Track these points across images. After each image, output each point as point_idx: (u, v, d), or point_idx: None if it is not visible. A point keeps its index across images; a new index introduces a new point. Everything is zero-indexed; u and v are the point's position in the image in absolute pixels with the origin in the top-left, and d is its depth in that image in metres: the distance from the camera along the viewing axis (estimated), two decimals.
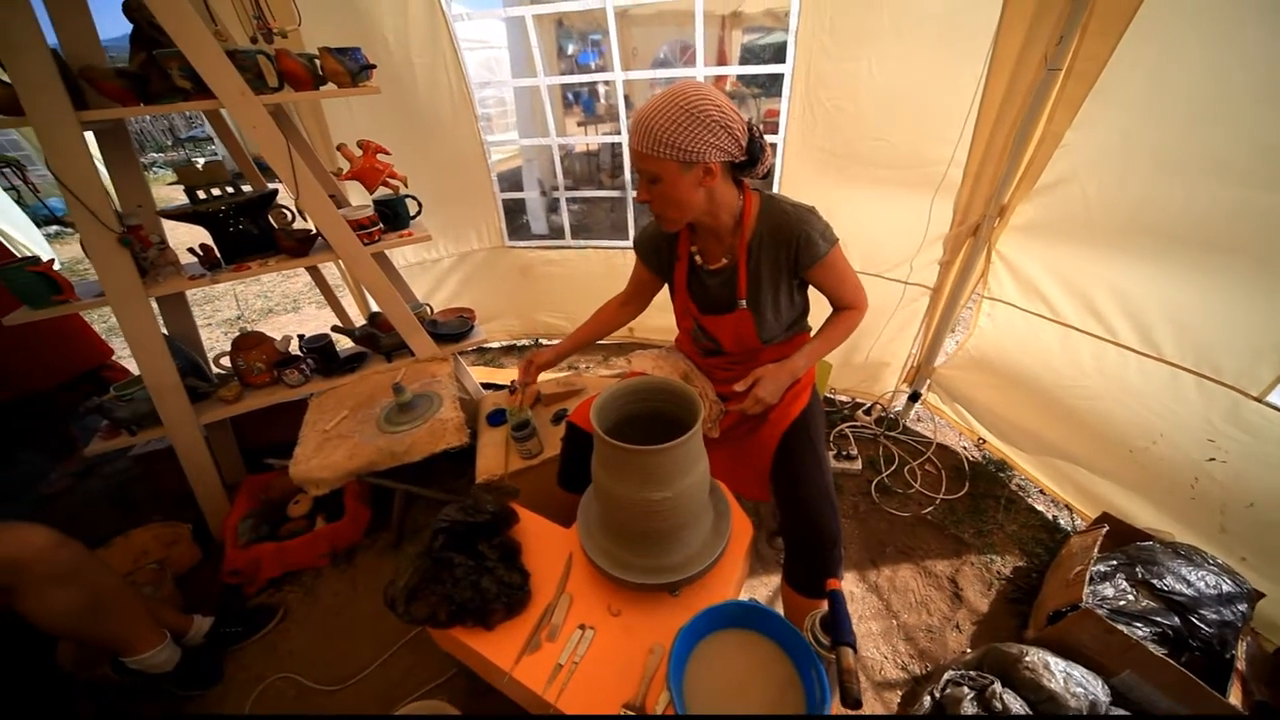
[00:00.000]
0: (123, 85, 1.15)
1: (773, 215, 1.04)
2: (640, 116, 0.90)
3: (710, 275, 1.13)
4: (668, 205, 0.97)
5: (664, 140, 0.87)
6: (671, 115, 0.86)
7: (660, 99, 0.88)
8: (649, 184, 0.95)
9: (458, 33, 1.92)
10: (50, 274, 1.24)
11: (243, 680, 1.36)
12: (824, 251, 1.02)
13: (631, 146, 0.92)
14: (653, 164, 0.91)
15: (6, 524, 1.07)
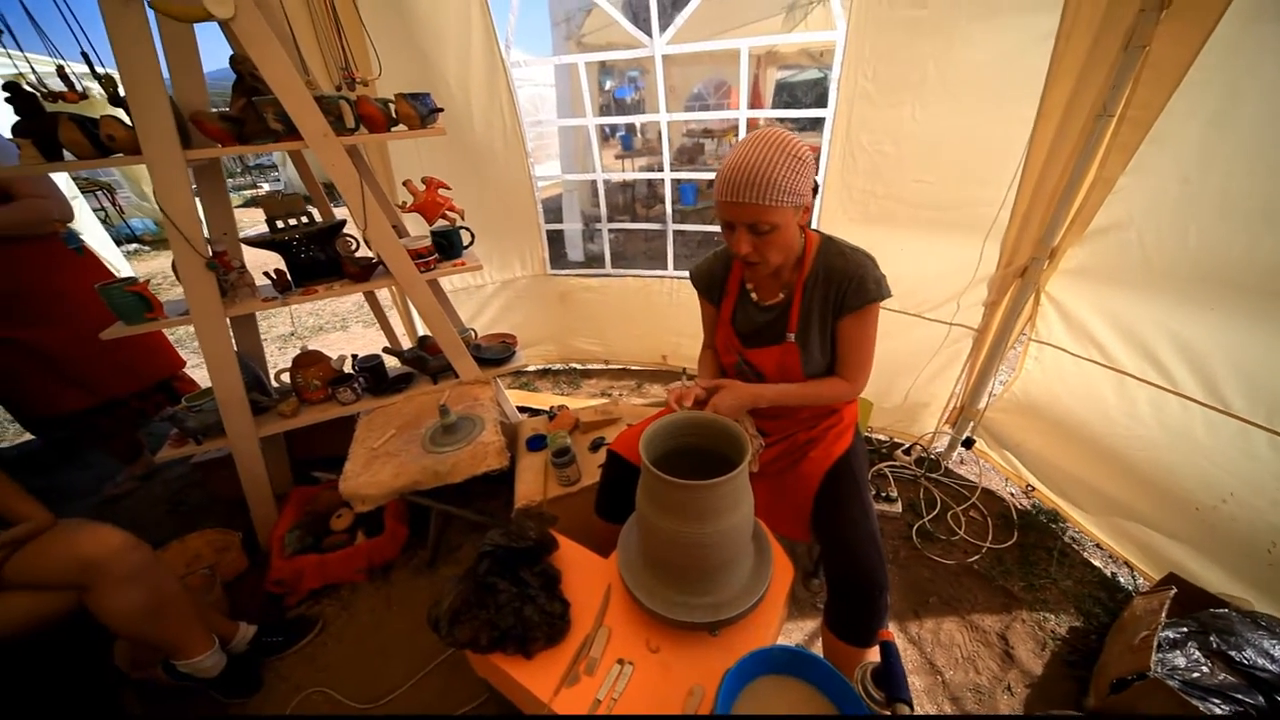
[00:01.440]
0: (224, 127, 1.28)
1: (831, 254, 1.06)
2: (750, 167, 0.87)
3: (762, 310, 1.14)
4: (776, 251, 0.96)
5: (784, 188, 0.88)
6: (784, 163, 0.87)
7: (760, 148, 0.88)
8: (759, 234, 0.93)
9: (513, 76, 2.06)
10: (145, 293, 1.36)
11: (281, 691, 1.40)
12: (870, 297, 1.02)
13: (739, 201, 0.89)
14: (772, 214, 0.90)
15: (88, 524, 1.15)
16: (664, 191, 2.43)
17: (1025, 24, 1.35)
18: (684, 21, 1.93)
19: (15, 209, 1.58)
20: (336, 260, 1.59)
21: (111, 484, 2.14)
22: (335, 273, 1.60)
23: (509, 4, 1.99)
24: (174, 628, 1.21)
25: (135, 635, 1.16)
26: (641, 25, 2.05)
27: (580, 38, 4.10)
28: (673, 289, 2.45)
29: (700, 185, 5.34)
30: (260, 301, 1.49)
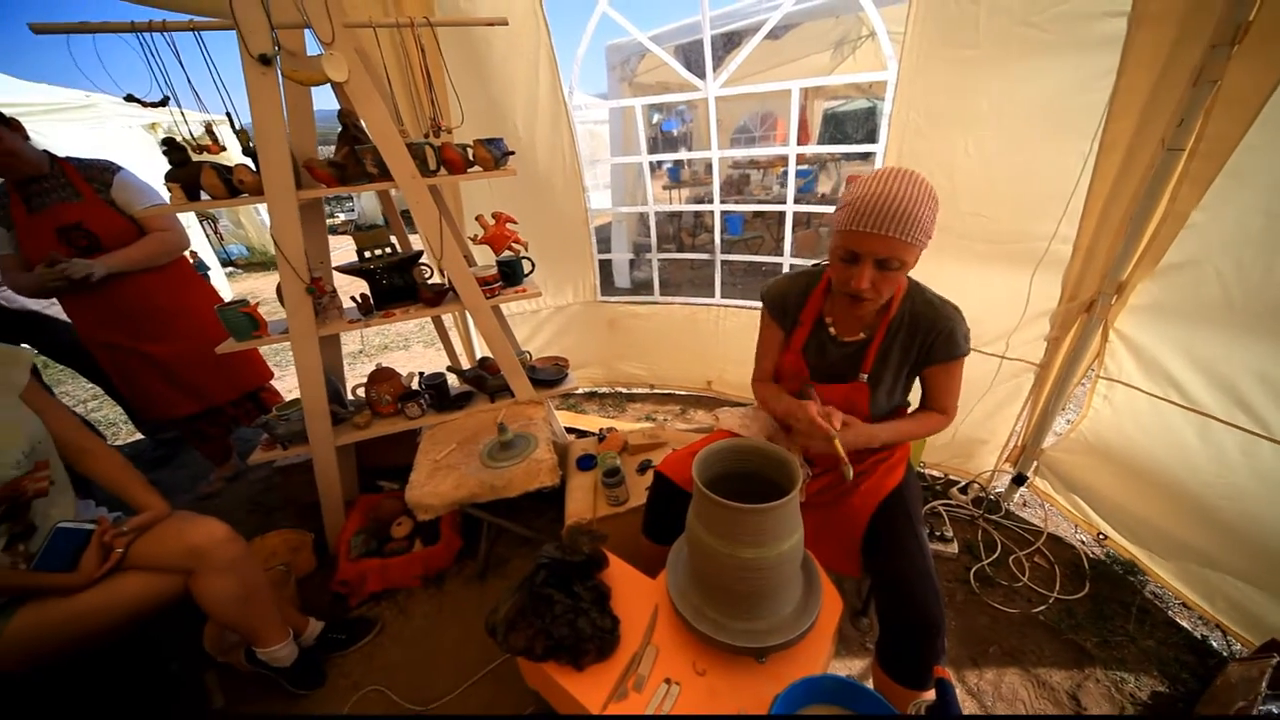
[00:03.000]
0: (330, 172, 1.46)
1: (919, 302, 1.07)
2: (896, 202, 0.86)
3: (839, 345, 1.13)
4: (890, 287, 0.96)
5: (924, 227, 0.88)
6: (926, 201, 0.87)
7: (904, 183, 0.87)
8: (886, 269, 0.91)
9: (575, 118, 2.22)
10: (255, 314, 1.56)
11: (342, 687, 1.49)
12: (960, 353, 1.05)
13: (880, 233, 0.87)
14: (907, 251, 0.89)
15: (197, 516, 1.30)
16: (711, 222, 2.51)
17: (1083, 61, 1.35)
18: (736, 67, 2.04)
19: (149, 241, 1.84)
20: (413, 286, 1.75)
21: (204, 483, 2.37)
22: (411, 298, 1.76)
23: (574, 55, 2.16)
24: (258, 616, 1.33)
25: (227, 619, 1.28)
26: (694, 69, 2.18)
27: (633, 79, 4.34)
28: (719, 316, 2.49)
29: (746, 216, 5.42)
30: (346, 323, 1.65)
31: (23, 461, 1.13)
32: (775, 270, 2.39)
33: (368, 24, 1.42)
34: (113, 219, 1.74)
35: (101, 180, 1.74)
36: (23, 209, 1.66)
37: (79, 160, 1.74)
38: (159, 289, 1.92)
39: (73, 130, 3.90)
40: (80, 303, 1.79)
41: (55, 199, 1.68)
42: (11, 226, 1.67)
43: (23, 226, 1.66)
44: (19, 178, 1.63)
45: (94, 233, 1.70)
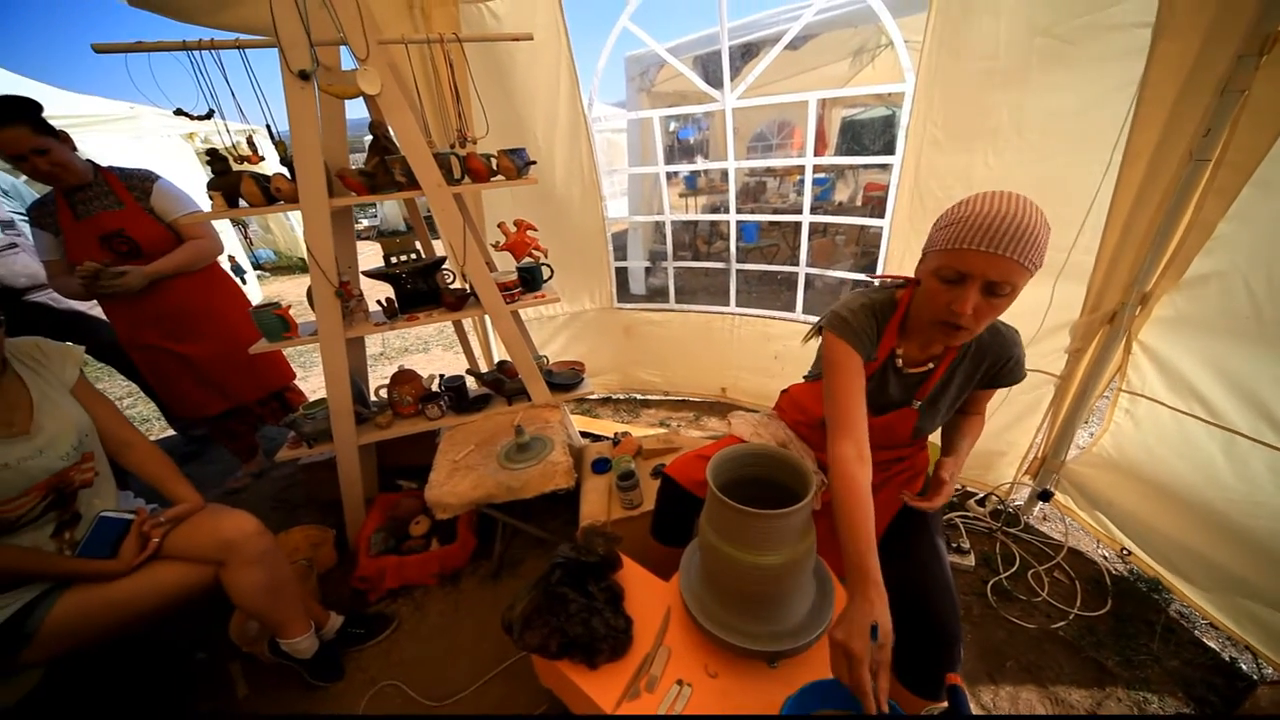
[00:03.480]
0: (361, 180, 1.53)
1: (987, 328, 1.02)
2: (1017, 221, 0.76)
3: (902, 377, 1.07)
4: (993, 318, 0.86)
5: (1042, 252, 0.79)
6: (1046, 228, 0.79)
7: (1024, 205, 0.78)
8: (994, 295, 0.81)
9: (593, 128, 2.27)
10: (286, 317, 1.62)
11: (360, 681, 1.52)
12: (1019, 378, 1.07)
13: (999, 253, 0.77)
14: (1022, 277, 0.79)
15: (229, 510, 1.36)
16: (726, 230, 2.53)
17: (1106, 72, 1.34)
18: (754, 78, 2.06)
19: (187, 248, 1.92)
20: (436, 291, 1.80)
21: (232, 479, 2.45)
22: (434, 302, 1.81)
23: (594, 68, 2.21)
24: (283, 607, 1.37)
25: (254, 610, 1.33)
26: (712, 80, 2.21)
27: (651, 88, 4.40)
28: (734, 324, 2.51)
29: (762, 223, 5.42)
30: (373, 325, 1.71)
31: (71, 453, 1.19)
32: (790, 279, 2.40)
33: (400, 40, 1.48)
34: (152, 226, 1.82)
35: (141, 189, 1.83)
36: (69, 215, 1.75)
37: (120, 169, 1.83)
38: (194, 292, 2.01)
39: (115, 140, 4.09)
40: (120, 306, 1.88)
41: (99, 207, 1.76)
42: (59, 232, 1.76)
43: (69, 232, 1.75)
44: (66, 187, 1.72)
45: (134, 239, 1.78)
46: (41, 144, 1.59)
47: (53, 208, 1.75)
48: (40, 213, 1.76)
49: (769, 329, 2.42)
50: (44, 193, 1.80)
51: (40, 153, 1.59)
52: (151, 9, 1.51)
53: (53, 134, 1.65)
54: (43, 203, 1.78)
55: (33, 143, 1.57)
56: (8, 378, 1.15)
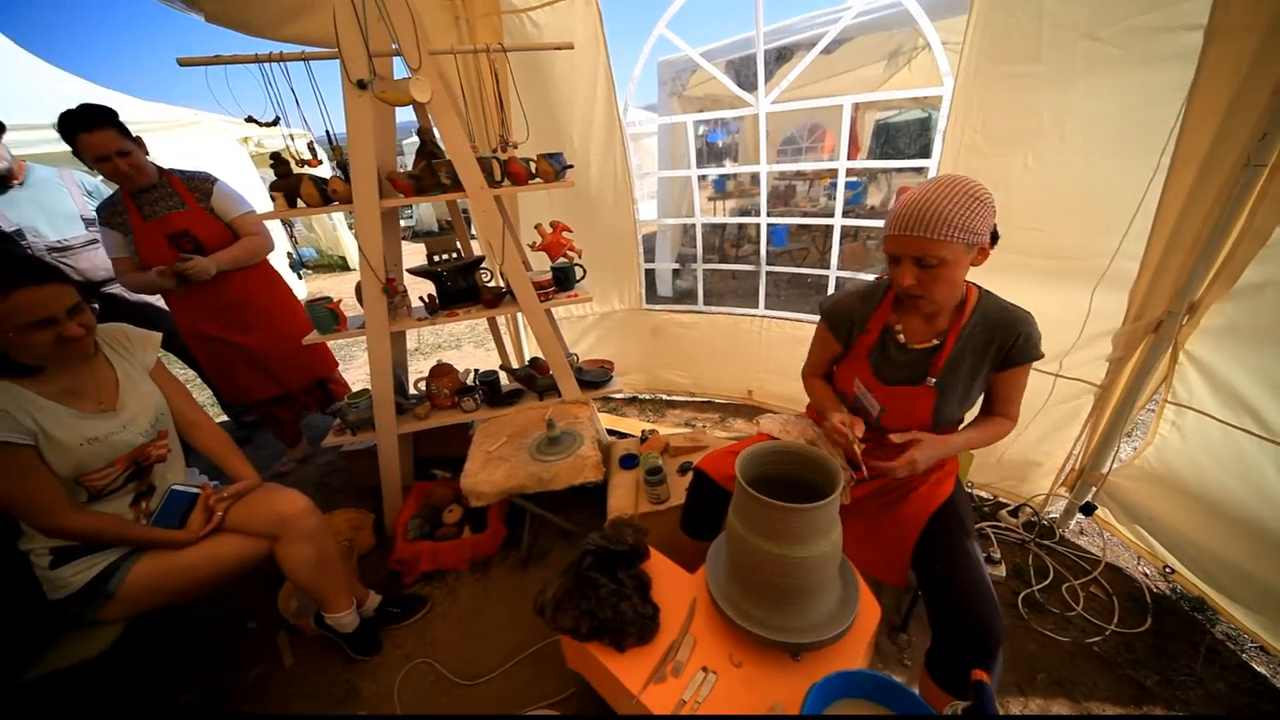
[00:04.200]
0: (409, 183, 1.61)
1: (991, 308, 1.09)
2: (923, 203, 0.92)
3: (904, 352, 1.15)
4: (941, 287, 0.99)
5: (956, 224, 0.91)
6: (962, 201, 0.91)
7: (940, 188, 0.93)
8: (924, 269, 0.96)
9: (628, 133, 2.32)
10: (337, 310, 1.72)
11: (395, 657, 1.60)
12: (1037, 355, 1.07)
13: (908, 234, 0.94)
14: (941, 248, 0.93)
15: (284, 488, 1.45)
16: (755, 233, 2.54)
17: (1154, 77, 1.32)
18: (789, 83, 2.08)
19: (245, 243, 2.05)
20: (475, 288, 1.89)
21: (279, 463, 2.60)
22: (473, 299, 1.89)
23: (630, 74, 2.27)
24: (329, 582, 1.46)
25: (303, 582, 1.42)
26: (745, 84, 2.23)
27: (683, 92, 4.44)
28: (762, 327, 2.52)
29: (791, 227, 5.39)
30: (415, 320, 1.80)
31: (149, 430, 1.30)
32: (820, 282, 2.39)
33: (450, 51, 1.56)
34: (213, 225, 1.96)
35: (203, 190, 1.96)
36: (138, 216, 1.87)
37: (182, 172, 1.96)
38: (250, 286, 2.14)
39: (175, 144, 4.37)
40: (185, 299, 2.03)
41: (165, 207, 1.89)
42: (128, 232, 1.89)
43: (138, 231, 1.88)
44: (136, 188, 1.85)
45: (198, 238, 1.92)
46: (125, 146, 1.74)
47: (122, 208, 1.87)
48: (110, 213, 1.89)
49: (798, 332, 2.42)
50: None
51: (123, 154, 1.73)
52: (225, 25, 1.64)
53: (131, 138, 1.80)
54: (111, 203, 1.90)
55: (118, 145, 1.71)
56: (98, 360, 1.26)
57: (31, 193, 2.14)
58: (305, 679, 1.56)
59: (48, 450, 1.12)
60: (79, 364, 1.21)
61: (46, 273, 1.08)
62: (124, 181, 1.81)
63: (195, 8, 1.62)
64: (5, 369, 1.10)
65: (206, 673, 1.60)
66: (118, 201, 1.88)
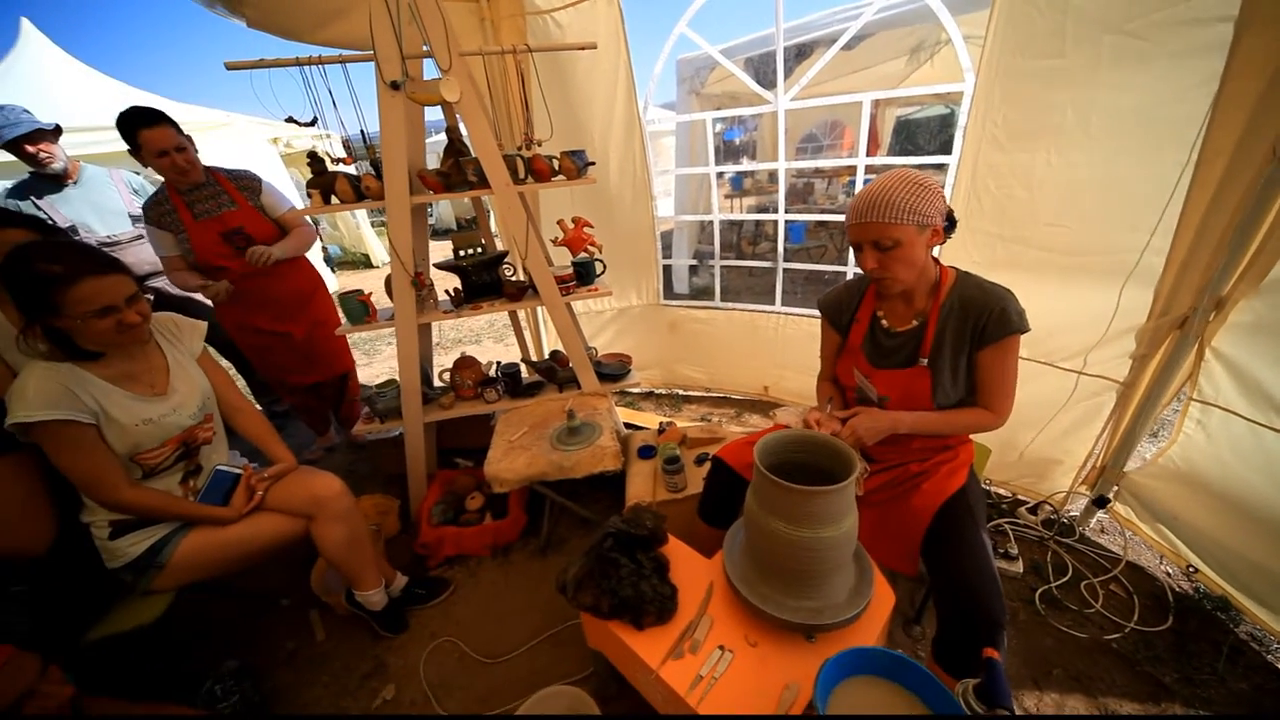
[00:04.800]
0: (438, 180, 1.67)
1: (968, 287, 1.13)
2: (874, 193, 1.03)
3: (891, 337, 1.22)
4: (902, 266, 1.06)
5: (904, 207, 1.00)
6: (908, 188, 1.01)
7: (889, 180, 1.03)
8: (883, 251, 1.05)
9: (647, 131, 2.35)
10: (368, 303, 1.80)
11: (420, 635, 1.67)
12: (1013, 328, 1.07)
13: (863, 221, 1.04)
14: (894, 230, 1.02)
15: (319, 471, 1.53)
16: (773, 231, 2.56)
17: (1181, 69, 1.30)
18: (808, 79, 2.09)
19: (296, 236, 2.12)
20: (498, 283, 1.94)
21: (308, 451, 2.70)
22: (496, 293, 1.95)
23: (650, 72, 2.30)
24: (360, 562, 1.53)
25: (336, 560, 1.49)
26: (764, 81, 2.25)
27: (701, 90, 4.45)
28: (779, 324, 2.53)
29: (809, 224, 5.37)
30: (441, 313, 1.86)
31: (197, 413, 1.39)
32: (837, 279, 2.40)
33: (479, 52, 1.62)
34: (263, 222, 2.03)
35: (251, 188, 2.04)
36: (189, 214, 1.94)
37: (227, 170, 2.03)
38: (299, 277, 2.21)
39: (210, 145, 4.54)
40: (239, 292, 2.04)
41: (217, 205, 1.96)
42: (180, 230, 1.94)
43: (192, 229, 1.93)
44: (188, 185, 1.93)
45: (251, 235, 1.99)
46: (181, 143, 1.82)
47: (170, 207, 1.91)
48: (157, 213, 1.90)
49: (815, 329, 2.38)
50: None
51: (180, 150, 1.82)
52: (266, 30, 1.72)
53: (184, 135, 1.88)
54: (157, 203, 1.91)
55: (175, 141, 1.80)
56: (150, 346, 1.35)
57: (84, 190, 2.26)
58: (336, 653, 1.64)
59: (107, 429, 1.21)
60: (135, 350, 1.29)
61: (109, 264, 1.16)
62: (179, 177, 1.86)
63: (237, 13, 1.70)
64: (71, 353, 1.18)
65: (245, 644, 1.68)
66: (164, 200, 1.91)
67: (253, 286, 2.04)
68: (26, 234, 1.41)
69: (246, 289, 2.03)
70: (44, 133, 2.10)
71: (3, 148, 2.04)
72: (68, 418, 1.13)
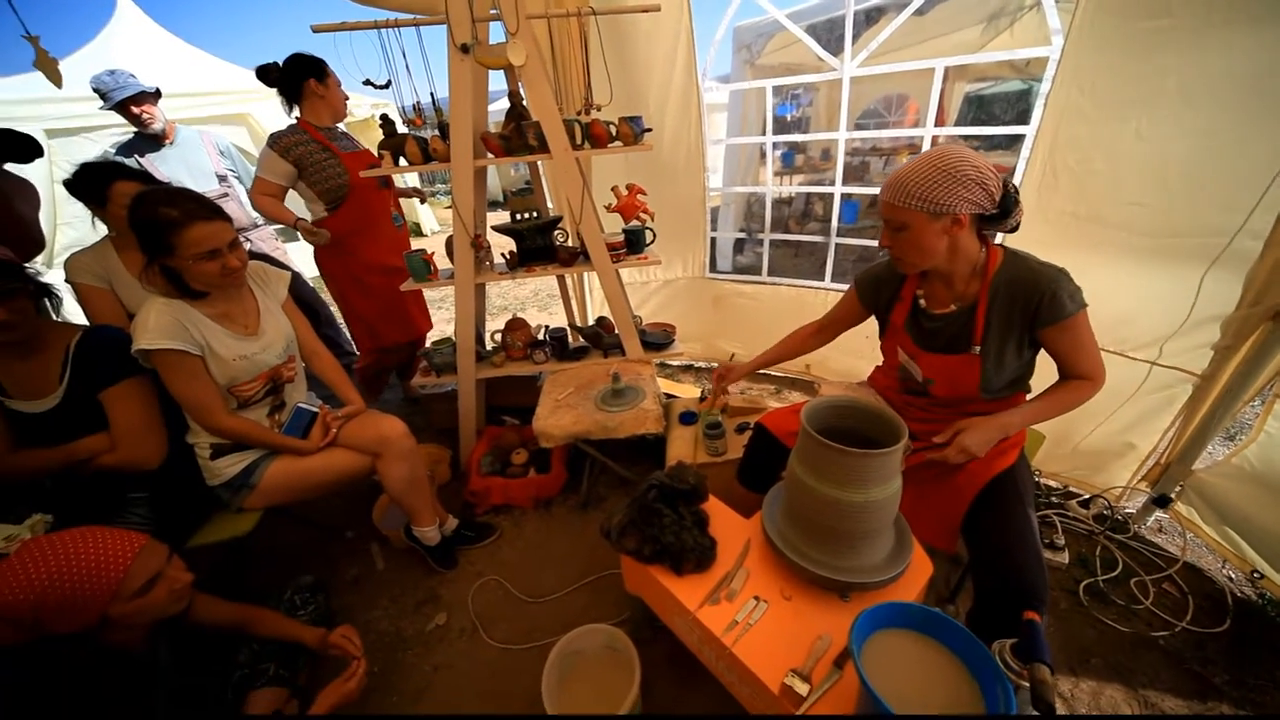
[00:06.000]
0: (500, 143, 1.73)
1: (1016, 269, 1.08)
2: (900, 172, 1.03)
3: (931, 319, 1.20)
4: (909, 250, 1.09)
5: (916, 194, 1.00)
6: (926, 174, 0.99)
7: (920, 160, 1.02)
8: (893, 232, 1.08)
9: (705, 98, 2.32)
10: (430, 262, 1.90)
11: (469, 573, 1.80)
12: (1069, 312, 1.03)
13: (882, 198, 1.07)
14: (902, 214, 1.04)
15: (385, 414, 1.65)
16: (820, 210, 2.51)
17: None
18: (877, 45, 2.00)
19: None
20: (551, 247, 2.00)
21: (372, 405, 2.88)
22: (550, 258, 2.01)
23: (710, 38, 2.26)
24: (418, 499, 1.66)
25: (398, 496, 1.63)
26: (829, 48, 2.17)
27: (756, 60, 4.30)
28: (827, 301, 2.49)
29: (861, 206, 5.16)
30: (497, 275, 1.95)
31: (282, 354, 1.52)
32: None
33: (544, 15, 1.64)
34: None
35: (342, 143, 2.16)
36: (336, 146, 2.04)
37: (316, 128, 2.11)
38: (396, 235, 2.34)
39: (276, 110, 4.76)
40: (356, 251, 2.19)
41: (351, 144, 2.13)
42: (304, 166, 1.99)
43: (348, 160, 2.05)
44: (326, 126, 2.07)
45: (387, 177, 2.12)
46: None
47: (306, 137, 1.99)
48: (294, 140, 1.96)
49: None
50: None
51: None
52: None
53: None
54: (293, 132, 1.99)
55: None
56: (245, 290, 1.48)
57: (179, 150, 2.45)
58: (394, 581, 1.80)
59: (211, 362, 1.35)
60: (233, 293, 1.43)
61: (216, 211, 1.28)
62: (335, 115, 2.08)
63: None
64: (182, 291, 1.32)
65: (315, 569, 1.87)
66: (301, 132, 2.00)
67: (370, 243, 2.18)
68: (139, 186, 1.56)
69: (365, 243, 2.16)
70: (147, 95, 2.29)
71: (112, 108, 2.24)
72: (181, 348, 1.27)
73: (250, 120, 4.51)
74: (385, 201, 2.27)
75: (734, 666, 1.00)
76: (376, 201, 2.19)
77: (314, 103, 2.02)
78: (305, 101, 2.02)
